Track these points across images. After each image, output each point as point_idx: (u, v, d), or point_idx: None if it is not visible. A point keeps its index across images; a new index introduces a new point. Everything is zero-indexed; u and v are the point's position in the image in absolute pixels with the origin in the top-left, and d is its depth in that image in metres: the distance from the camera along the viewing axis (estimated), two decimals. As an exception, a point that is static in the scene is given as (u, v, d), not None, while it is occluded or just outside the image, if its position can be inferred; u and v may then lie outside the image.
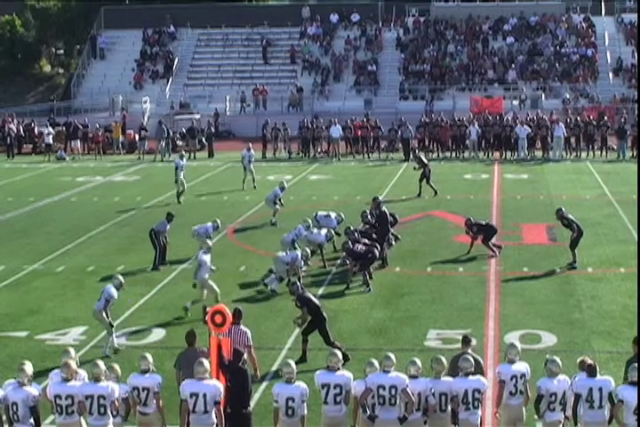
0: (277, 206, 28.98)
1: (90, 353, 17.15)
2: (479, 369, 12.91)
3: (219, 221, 24.19)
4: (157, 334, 18.63)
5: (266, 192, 31.31)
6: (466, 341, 13.50)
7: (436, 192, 33.18)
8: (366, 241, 22.59)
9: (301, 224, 24.01)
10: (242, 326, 15.04)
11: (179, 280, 22.69)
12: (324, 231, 23.91)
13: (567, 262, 23.24)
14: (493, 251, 24.38)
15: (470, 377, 12.32)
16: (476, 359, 13.01)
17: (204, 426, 12.23)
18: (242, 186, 35.10)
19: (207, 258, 20.05)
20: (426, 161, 34.01)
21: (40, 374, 14.24)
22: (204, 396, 12.14)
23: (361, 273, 21.92)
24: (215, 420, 12.23)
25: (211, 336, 13.11)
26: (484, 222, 24.71)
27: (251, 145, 36.19)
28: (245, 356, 14.21)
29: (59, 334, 18.76)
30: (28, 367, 12.38)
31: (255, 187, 35.00)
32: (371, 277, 21.99)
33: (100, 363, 12.46)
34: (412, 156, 39.95)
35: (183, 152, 34.91)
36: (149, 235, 24.01)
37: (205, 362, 12.42)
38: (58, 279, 23.08)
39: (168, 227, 24.08)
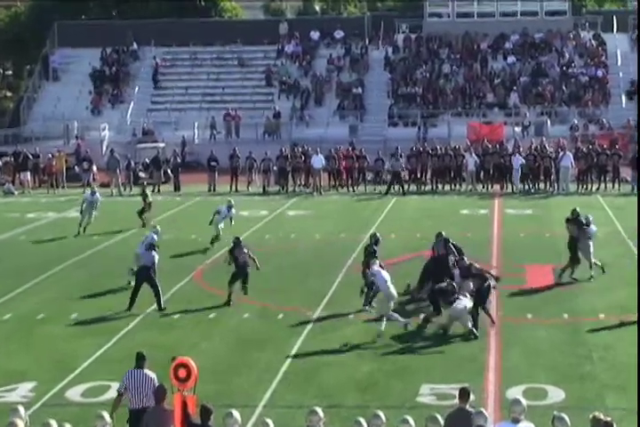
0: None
1: (41, 411, 16.99)
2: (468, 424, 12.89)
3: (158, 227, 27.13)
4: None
5: (242, 228, 31.43)
6: (463, 395, 13.48)
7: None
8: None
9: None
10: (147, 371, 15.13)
11: (140, 328, 22.60)
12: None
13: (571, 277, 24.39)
14: None
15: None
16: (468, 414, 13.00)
17: None
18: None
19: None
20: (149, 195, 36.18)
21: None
22: None
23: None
24: None
25: (174, 393, 13.06)
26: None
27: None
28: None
29: (5, 391, 18.63)
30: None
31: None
32: (493, 322, 22.15)
33: (53, 422, 12.40)
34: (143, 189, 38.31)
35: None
36: (140, 274, 23.86)
37: (236, 414, 12.47)
38: (4, 328, 22.95)
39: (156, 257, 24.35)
